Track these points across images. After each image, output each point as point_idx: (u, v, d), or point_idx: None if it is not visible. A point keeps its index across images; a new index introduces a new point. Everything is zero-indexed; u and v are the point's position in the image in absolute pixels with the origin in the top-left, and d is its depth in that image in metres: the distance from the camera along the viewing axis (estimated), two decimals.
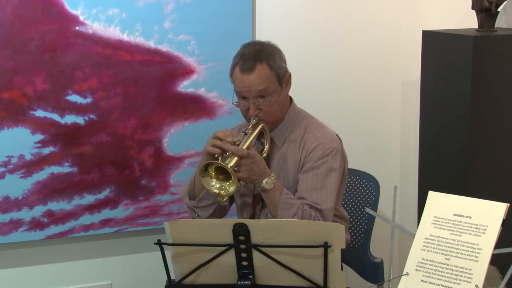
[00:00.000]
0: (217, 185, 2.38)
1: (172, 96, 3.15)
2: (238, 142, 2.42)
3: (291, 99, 2.65)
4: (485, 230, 1.89)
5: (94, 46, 3.01)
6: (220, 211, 2.61)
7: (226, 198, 2.42)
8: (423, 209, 2.00)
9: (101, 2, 3.00)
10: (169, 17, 3.10)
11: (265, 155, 2.55)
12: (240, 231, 2.02)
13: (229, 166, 2.34)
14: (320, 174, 2.51)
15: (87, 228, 3.15)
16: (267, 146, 2.56)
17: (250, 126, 2.50)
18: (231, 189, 2.36)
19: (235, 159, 2.38)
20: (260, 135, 2.58)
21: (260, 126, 2.51)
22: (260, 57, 2.48)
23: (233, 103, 2.56)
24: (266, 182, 2.44)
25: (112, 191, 3.15)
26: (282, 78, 2.52)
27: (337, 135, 2.62)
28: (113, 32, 3.04)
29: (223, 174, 2.37)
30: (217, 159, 2.42)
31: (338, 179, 2.55)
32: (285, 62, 2.56)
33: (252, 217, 2.62)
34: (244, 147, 2.41)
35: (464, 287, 1.85)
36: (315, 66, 3.38)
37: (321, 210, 2.47)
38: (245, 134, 2.49)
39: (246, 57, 2.48)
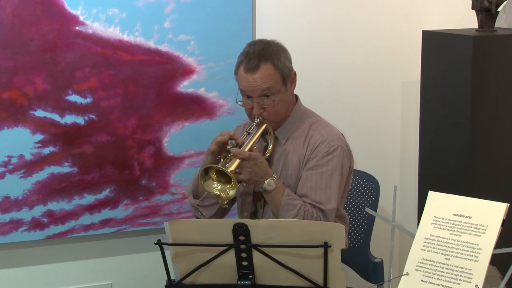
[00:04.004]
0: (218, 187, 2.37)
1: (172, 96, 3.15)
2: (241, 144, 2.42)
3: (297, 97, 2.64)
4: (485, 230, 1.89)
5: (94, 46, 3.01)
6: (223, 210, 2.60)
7: (227, 201, 2.42)
8: (423, 209, 2.01)
9: (101, 2, 3.00)
10: (169, 17, 3.10)
11: (268, 154, 2.54)
12: (240, 231, 2.02)
13: (229, 169, 2.33)
14: (325, 173, 2.49)
15: (87, 228, 3.15)
16: (271, 146, 2.55)
17: (254, 125, 2.50)
18: (231, 192, 2.36)
19: (237, 161, 2.37)
20: (265, 133, 2.57)
21: (263, 126, 2.51)
22: (264, 56, 2.47)
23: (237, 102, 2.55)
24: (268, 184, 2.43)
25: (112, 191, 3.15)
26: (287, 77, 2.51)
27: (342, 134, 2.62)
28: (113, 32, 3.04)
29: (224, 177, 2.36)
30: (219, 160, 2.42)
31: (342, 178, 2.54)
32: (290, 61, 2.55)
33: (253, 214, 2.62)
34: (247, 148, 2.41)
35: (464, 287, 1.85)
36: (315, 66, 3.38)
37: (324, 210, 2.46)
38: (248, 134, 2.49)
39: (251, 56, 2.47)
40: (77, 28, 2.99)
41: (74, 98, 3.03)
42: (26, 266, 3.17)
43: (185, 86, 3.16)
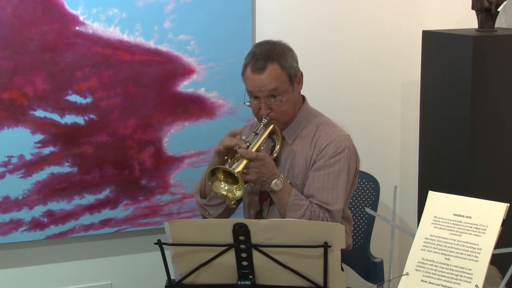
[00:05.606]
0: (226, 187, 2.38)
1: (172, 96, 3.15)
2: (248, 144, 2.42)
3: (303, 98, 2.66)
4: (485, 230, 1.89)
5: (94, 46, 3.01)
6: (229, 209, 2.61)
7: (234, 201, 2.43)
8: (423, 209, 2.01)
9: (101, 2, 3.00)
10: (169, 17, 3.10)
11: (275, 154, 2.55)
12: (240, 231, 2.02)
13: (236, 170, 2.34)
14: (332, 174, 2.50)
15: (87, 228, 3.15)
16: (278, 146, 2.56)
17: (261, 126, 2.51)
18: (238, 193, 2.37)
19: (244, 162, 2.38)
20: (272, 133, 2.58)
21: (271, 126, 2.52)
22: (271, 57, 2.48)
23: (244, 103, 2.56)
24: (275, 184, 2.43)
25: (112, 191, 3.15)
26: (294, 77, 2.53)
27: (348, 134, 2.63)
28: (113, 32, 3.04)
29: (231, 177, 2.37)
30: (226, 160, 2.42)
31: (349, 178, 2.54)
32: (296, 61, 2.57)
33: (259, 213, 2.62)
34: (254, 148, 2.41)
35: (464, 287, 1.85)
36: (315, 66, 3.37)
37: (331, 211, 2.46)
38: (256, 134, 2.49)
39: (258, 57, 2.48)
40: (77, 28, 2.99)
41: (74, 98, 3.03)
42: (26, 266, 3.17)
43: (185, 86, 3.16)
